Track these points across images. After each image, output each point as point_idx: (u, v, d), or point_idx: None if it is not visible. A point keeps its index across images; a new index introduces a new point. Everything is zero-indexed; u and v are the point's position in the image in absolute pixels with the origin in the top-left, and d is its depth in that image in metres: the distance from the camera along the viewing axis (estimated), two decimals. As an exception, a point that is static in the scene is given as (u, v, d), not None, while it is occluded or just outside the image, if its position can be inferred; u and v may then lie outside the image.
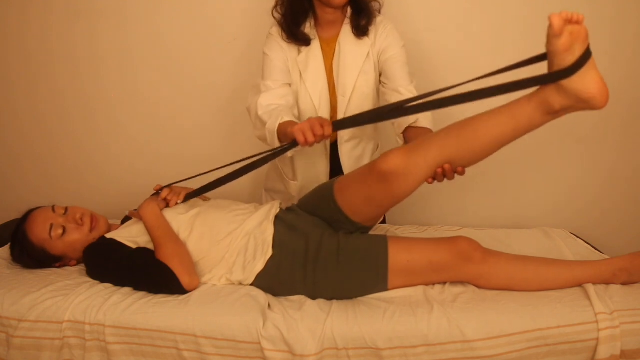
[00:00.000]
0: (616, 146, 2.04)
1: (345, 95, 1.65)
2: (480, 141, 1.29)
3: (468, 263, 1.38)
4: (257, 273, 1.42)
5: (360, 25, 1.63)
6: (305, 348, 1.24)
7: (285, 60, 1.65)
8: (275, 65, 1.64)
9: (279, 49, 1.65)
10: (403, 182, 1.32)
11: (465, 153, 1.30)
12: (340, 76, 1.66)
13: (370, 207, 1.42)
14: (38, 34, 2.11)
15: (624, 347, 1.24)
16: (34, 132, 2.24)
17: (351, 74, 1.65)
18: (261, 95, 1.58)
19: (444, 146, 1.31)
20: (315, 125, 1.31)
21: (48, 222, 1.51)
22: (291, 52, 1.65)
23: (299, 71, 1.66)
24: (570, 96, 1.19)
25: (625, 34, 1.92)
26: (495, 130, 1.27)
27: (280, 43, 1.65)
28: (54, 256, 1.53)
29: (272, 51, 1.65)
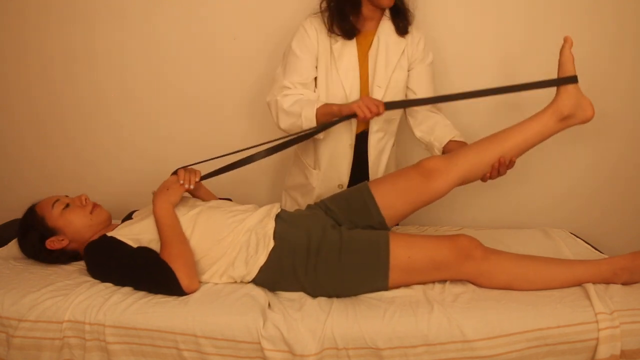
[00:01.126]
0: (616, 146, 2.04)
1: (382, 85, 1.70)
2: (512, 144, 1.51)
3: (469, 261, 1.38)
4: (260, 266, 1.42)
5: (400, 25, 1.71)
6: (305, 348, 1.24)
7: (314, 55, 1.69)
8: (300, 65, 1.68)
9: (310, 43, 1.68)
10: (441, 179, 1.49)
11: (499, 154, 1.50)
12: (377, 68, 1.70)
13: (402, 200, 1.52)
14: (35, 35, 2.11)
15: (624, 347, 1.24)
16: (31, 133, 2.23)
17: (388, 66, 1.71)
18: (281, 96, 1.67)
19: (481, 149, 1.52)
20: (371, 104, 1.52)
21: (54, 198, 1.58)
22: (324, 41, 1.69)
23: (333, 59, 1.69)
24: (574, 102, 1.49)
25: (626, 34, 1.92)
26: (522, 135, 1.51)
27: (315, 35, 1.68)
28: (50, 228, 1.53)
29: (301, 47, 1.68)
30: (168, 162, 2.18)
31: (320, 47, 1.69)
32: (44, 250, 1.54)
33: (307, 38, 1.68)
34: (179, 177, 1.56)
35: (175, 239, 1.43)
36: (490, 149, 1.51)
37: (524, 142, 1.51)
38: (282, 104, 1.65)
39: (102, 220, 1.59)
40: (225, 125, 2.14)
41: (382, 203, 1.52)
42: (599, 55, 1.94)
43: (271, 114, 1.72)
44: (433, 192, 1.50)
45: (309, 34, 1.69)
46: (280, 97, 1.67)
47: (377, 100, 1.54)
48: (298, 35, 1.70)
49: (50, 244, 1.53)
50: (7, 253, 1.65)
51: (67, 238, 1.55)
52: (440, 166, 1.49)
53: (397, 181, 1.54)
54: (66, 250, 1.56)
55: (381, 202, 1.52)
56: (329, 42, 1.69)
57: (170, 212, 1.48)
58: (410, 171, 1.52)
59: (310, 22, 1.70)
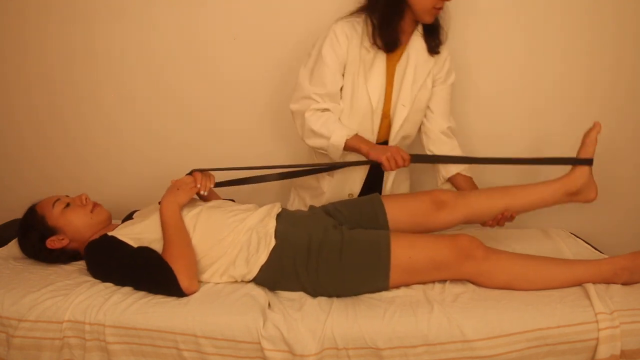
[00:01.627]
0: (616, 146, 2.04)
1: (406, 104, 1.69)
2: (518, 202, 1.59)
3: (469, 260, 1.39)
4: (260, 265, 1.43)
5: (432, 44, 1.68)
6: (305, 348, 1.24)
7: (343, 64, 1.64)
8: (329, 73, 1.63)
9: (340, 51, 1.62)
10: (449, 213, 1.56)
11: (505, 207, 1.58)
12: (404, 85, 1.68)
13: (409, 219, 1.58)
14: (35, 36, 2.10)
15: (624, 347, 1.24)
16: (31, 133, 2.23)
17: (415, 85, 1.68)
18: (309, 113, 1.64)
19: (490, 198, 1.60)
20: (398, 158, 1.54)
21: (55, 198, 1.59)
22: (355, 49, 1.64)
23: (363, 70, 1.65)
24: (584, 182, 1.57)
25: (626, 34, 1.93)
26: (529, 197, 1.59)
27: (346, 42, 1.62)
28: (50, 227, 1.53)
29: (331, 54, 1.62)
30: (167, 163, 2.20)
31: (349, 56, 1.63)
32: (44, 249, 1.54)
33: (338, 45, 1.62)
34: (196, 180, 1.56)
35: (178, 240, 1.43)
36: (499, 200, 1.58)
37: (529, 204, 1.59)
38: (311, 123, 1.63)
39: (102, 220, 1.59)
40: (225, 126, 2.14)
41: (390, 216, 1.57)
42: (599, 55, 1.94)
43: (294, 123, 1.70)
44: (438, 222, 1.57)
45: (340, 40, 1.62)
46: (308, 113, 1.63)
47: (405, 154, 1.55)
48: (328, 40, 1.63)
49: (50, 243, 1.53)
50: (7, 253, 1.65)
51: (68, 237, 1.55)
52: (452, 201, 1.57)
53: (409, 201, 1.61)
54: (66, 250, 1.56)
55: (389, 215, 1.57)
56: (359, 51, 1.63)
57: (177, 212, 1.48)
58: (424, 196, 1.60)
59: (341, 27, 1.63)
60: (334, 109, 1.65)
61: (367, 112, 1.67)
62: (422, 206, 1.58)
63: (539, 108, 2.03)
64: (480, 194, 1.63)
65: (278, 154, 2.15)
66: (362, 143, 1.60)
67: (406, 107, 1.69)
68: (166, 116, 2.15)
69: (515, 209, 1.57)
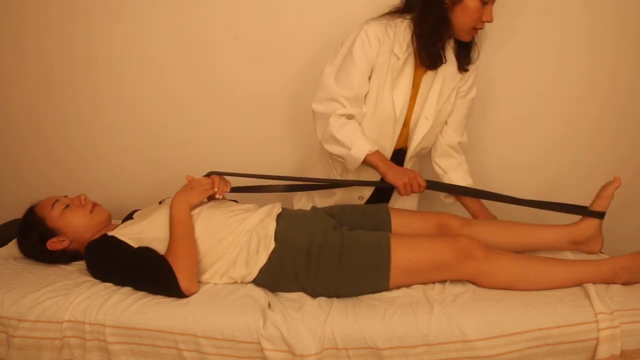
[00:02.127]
0: (616, 146, 2.04)
1: (429, 118, 1.67)
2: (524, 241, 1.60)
3: (469, 260, 1.39)
4: (260, 267, 1.43)
5: (464, 61, 1.66)
6: (305, 348, 1.24)
7: (371, 67, 1.61)
8: (356, 76, 1.59)
9: (371, 54, 1.58)
10: None
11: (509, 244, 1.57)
12: (429, 99, 1.66)
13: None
14: (35, 36, 2.10)
15: (624, 347, 1.24)
16: (31, 134, 2.23)
17: (440, 99, 1.67)
18: (333, 118, 1.60)
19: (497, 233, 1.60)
20: (414, 184, 1.55)
21: (54, 199, 1.58)
22: (384, 54, 1.59)
23: (391, 77, 1.62)
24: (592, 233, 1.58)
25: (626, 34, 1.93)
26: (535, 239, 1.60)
27: (377, 46, 1.58)
28: (50, 229, 1.53)
29: (362, 56, 1.58)
30: (166, 164, 2.20)
31: (378, 60, 1.60)
32: (44, 251, 1.54)
33: (369, 47, 1.58)
34: (214, 183, 1.56)
35: (184, 239, 1.42)
36: (504, 236, 1.58)
37: (533, 245, 1.59)
38: (334, 129, 1.59)
39: (102, 220, 1.59)
40: (224, 127, 2.14)
41: (394, 230, 1.58)
42: (599, 55, 1.94)
43: (314, 124, 1.66)
44: None
45: (371, 42, 1.58)
46: (333, 119, 1.59)
47: (422, 180, 1.56)
48: (360, 40, 1.58)
49: (51, 244, 1.53)
50: (7, 253, 1.65)
51: (68, 238, 1.55)
52: (458, 228, 1.58)
53: (415, 219, 1.62)
54: (67, 251, 1.56)
55: (394, 230, 1.58)
56: (388, 57, 1.59)
57: (187, 211, 1.48)
58: (430, 218, 1.62)
59: (374, 29, 1.58)
60: (358, 115, 1.62)
61: (389, 119, 1.65)
62: (426, 227, 1.59)
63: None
64: (488, 225, 1.62)
65: (279, 156, 2.15)
66: (381, 162, 1.58)
67: (429, 121, 1.66)
68: (166, 116, 2.15)
69: (517, 248, 1.56)
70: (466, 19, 1.53)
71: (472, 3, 1.51)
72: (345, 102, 1.60)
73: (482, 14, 1.53)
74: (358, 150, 1.57)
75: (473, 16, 1.53)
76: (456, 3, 1.52)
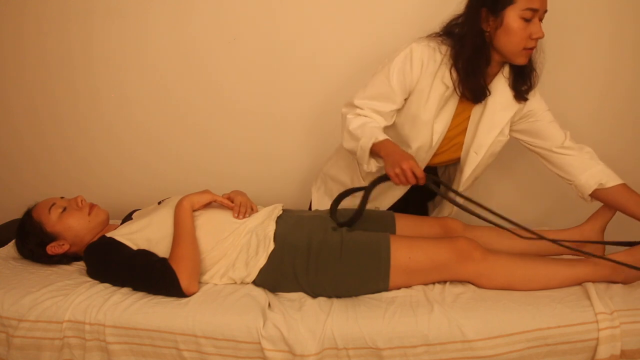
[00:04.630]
0: (616, 145, 2.04)
1: (479, 153, 1.57)
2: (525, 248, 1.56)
3: (468, 262, 1.39)
4: (260, 268, 1.43)
5: (521, 89, 1.52)
6: (305, 348, 1.24)
7: (407, 91, 1.51)
8: (387, 95, 1.51)
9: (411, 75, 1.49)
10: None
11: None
12: (479, 132, 1.56)
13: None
14: (34, 37, 2.10)
15: (624, 347, 1.24)
16: (30, 134, 2.23)
17: (491, 133, 1.55)
18: (353, 114, 1.54)
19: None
20: (409, 175, 1.37)
21: (50, 202, 1.56)
22: (427, 77, 1.49)
23: (436, 105, 1.51)
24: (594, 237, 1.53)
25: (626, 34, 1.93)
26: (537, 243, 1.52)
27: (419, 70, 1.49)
28: (49, 233, 1.52)
29: (399, 77, 1.49)
30: (165, 165, 2.20)
31: (419, 84, 1.50)
32: (44, 255, 1.54)
33: (409, 69, 1.49)
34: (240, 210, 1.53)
35: (186, 238, 1.42)
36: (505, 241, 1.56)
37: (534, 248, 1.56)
38: (350, 123, 1.51)
39: (101, 221, 1.58)
40: (223, 128, 2.14)
41: (399, 233, 1.58)
42: (598, 54, 1.94)
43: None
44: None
45: (414, 65, 1.48)
46: (350, 115, 1.53)
47: (420, 172, 1.38)
48: (402, 57, 1.49)
49: (51, 249, 1.53)
50: (7, 253, 1.65)
51: (68, 242, 1.54)
52: (461, 232, 1.57)
53: (419, 222, 1.62)
54: (67, 254, 1.56)
55: (398, 230, 1.58)
56: (432, 81, 1.49)
57: (189, 211, 1.47)
58: (434, 222, 1.62)
59: (420, 51, 1.48)
60: (381, 124, 1.53)
61: (425, 145, 1.56)
62: (430, 231, 1.59)
63: None
64: (489, 230, 1.58)
65: (282, 159, 2.15)
66: (384, 149, 1.43)
67: (479, 155, 1.57)
68: (165, 118, 2.15)
69: (518, 251, 1.53)
70: (513, 41, 1.41)
71: (515, 23, 1.38)
72: (370, 114, 1.53)
73: (529, 32, 1.39)
74: (367, 140, 1.45)
75: (519, 36, 1.40)
76: (498, 27, 1.41)
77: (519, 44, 1.41)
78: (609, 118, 2.01)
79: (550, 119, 1.58)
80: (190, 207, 1.48)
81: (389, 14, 1.90)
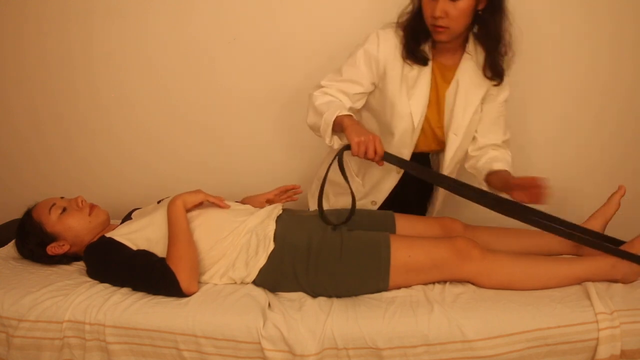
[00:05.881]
0: (616, 145, 2.04)
1: (459, 134, 1.59)
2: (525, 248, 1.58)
3: (467, 260, 1.39)
4: (259, 268, 1.43)
5: (493, 68, 1.52)
6: (305, 348, 1.24)
7: (375, 73, 1.55)
8: (353, 78, 1.55)
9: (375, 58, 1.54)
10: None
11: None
12: (455, 113, 1.58)
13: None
14: (34, 37, 2.10)
15: (624, 347, 1.24)
16: (30, 134, 2.23)
17: (467, 113, 1.58)
18: (319, 92, 1.56)
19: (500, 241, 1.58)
20: (370, 147, 1.36)
21: (50, 202, 1.56)
22: (396, 61, 1.54)
23: (405, 86, 1.55)
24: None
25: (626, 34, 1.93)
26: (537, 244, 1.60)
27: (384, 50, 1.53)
28: (49, 234, 1.52)
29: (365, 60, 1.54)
30: (165, 164, 2.20)
31: (389, 70, 1.54)
32: (44, 255, 1.54)
33: (376, 52, 1.53)
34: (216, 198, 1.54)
35: (181, 238, 1.41)
36: (505, 241, 1.58)
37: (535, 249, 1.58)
38: (315, 100, 1.53)
39: (101, 222, 1.58)
40: (224, 128, 2.14)
41: (399, 232, 1.58)
42: (598, 54, 1.94)
43: None
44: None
45: (379, 48, 1.53)
46: (317, 92, 1.56)
47: (380, 148, 1.38)
48: (369, 40, 1.55)
49: (51, 250, 1.53)
50: (7, 253, 1.65)
51: (68, 243, 1.54)
52: (461, 232, 1.57)
53: (419, 222, 1.63)
54: (67, 254, 1.56)
55: (399, 231, 1.59)
56: (401, 66, 1.54)
57: (181, 210, 1.46)
58: (434, 222, 1.62)
59: (383, 35, 1.54)
60: (347, 104, 1.55)
61: (407, 129, 1.59)
62: (430, 231, 1.59)
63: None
64: (489, 230, 1.62)
65: (282, 159, 2.15)
66: (348, 123, 1.41)
67: (458, 137, 1.60)
68: (165, 117, 2.15)
69: (519, 252, 1.52)
70: (425, 16, 1.47)
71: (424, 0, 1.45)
72: (336, 94, 1.56)
73: (432, 9, 1.42)
74: (331, 113, 1.45)
75: (426, 13, 1.45)
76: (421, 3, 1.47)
77: (427, 20, 1.46)
78: (611, 119, 2.01)
79: (498, 114, 1.61)
80: (183, 206, 1.47)
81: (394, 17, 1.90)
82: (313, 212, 1.65)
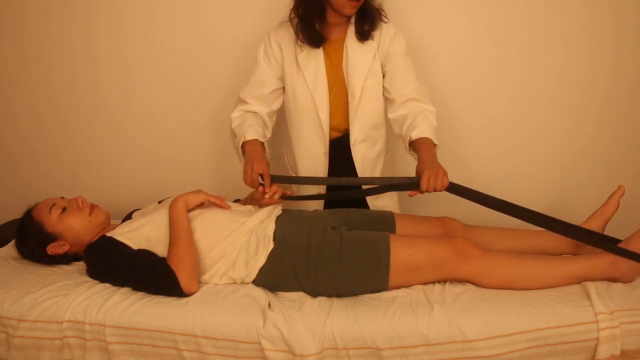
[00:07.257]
0: (616, 145, 2.04)
1: (355, 96, 1.69)
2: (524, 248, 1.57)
3: (467, 259, 1.39)
4: (259, 267, 1.43)
5: (364, 30, 1.66)
6: (305, 348, 1.24)
7: (278, 67, 1.71)
8: (261, 77, 1.71)
9: (273, 55, 1.70)
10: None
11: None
12: (350, 78, 1.69)
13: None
14: (35, 34, 2.11)
15: (624, 347, 1.24)
16: (32, 134, 2.23)
17: (359, 75, 1.68)
18: (235, 112, 1.71)
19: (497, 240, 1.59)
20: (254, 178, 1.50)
21: (51, 202, 1.56)
22: (289, 51, 1.69)
23: (299, 70, 1.69)
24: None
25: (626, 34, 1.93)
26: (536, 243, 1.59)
27: (278, 47, 1.70)
28: (49, 234, 1.52)
29: (264, 58, 1.71)
30: (168, 163, 2.20)
31: (285, 59, 1.70)
32: (44, 255, 1.54)
33: (270, 49, 1.70)
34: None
35: (182, 237, 1.42)
36: (504, 240, 1.58)
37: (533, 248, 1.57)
38: (233, 123, 1.69)
39: (101, 222, 1.58)
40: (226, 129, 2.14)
41: (397, 231, 1.59)
42: (598, 53, 1.94)
43: None
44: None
45: (273, 47, 1.70)
46: (235, 114, 1.70)
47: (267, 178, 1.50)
48: (262, 47, 1.73)
49: (51, 249, 1.53)
50: (7, 253, 1.65)
51: (68, 243, 1.54)
52: (460, 232, 1.57)
53: (419, 222, 1.63)
54: (68, 254, 1.56)
55: (398, 231, 1.59)
56: (294, 52, 1.69)
57: (182, 210, 1.47)
58: (434, 222, 1.62)
59: (274, 33, 1.72)
60: (264, 113, 1.70)
61: (311, 107, 1.70)
62: (430, 231, 1.60)
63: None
64: (489, 230, 1.63)
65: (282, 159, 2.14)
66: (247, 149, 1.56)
67: (355, 99, 1.68)
68: (167, 116, 2.15)
69: (518, 251, 1.53)
70: None
71: None
72: (251, 101, 1.70)
73: None
74: (239, 139, 1.61)
75: None
76: None
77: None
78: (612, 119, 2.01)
79: (406, 68, 1.69)
80: (184, 206, 1.48)
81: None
82: (312, 211, 1.65)
